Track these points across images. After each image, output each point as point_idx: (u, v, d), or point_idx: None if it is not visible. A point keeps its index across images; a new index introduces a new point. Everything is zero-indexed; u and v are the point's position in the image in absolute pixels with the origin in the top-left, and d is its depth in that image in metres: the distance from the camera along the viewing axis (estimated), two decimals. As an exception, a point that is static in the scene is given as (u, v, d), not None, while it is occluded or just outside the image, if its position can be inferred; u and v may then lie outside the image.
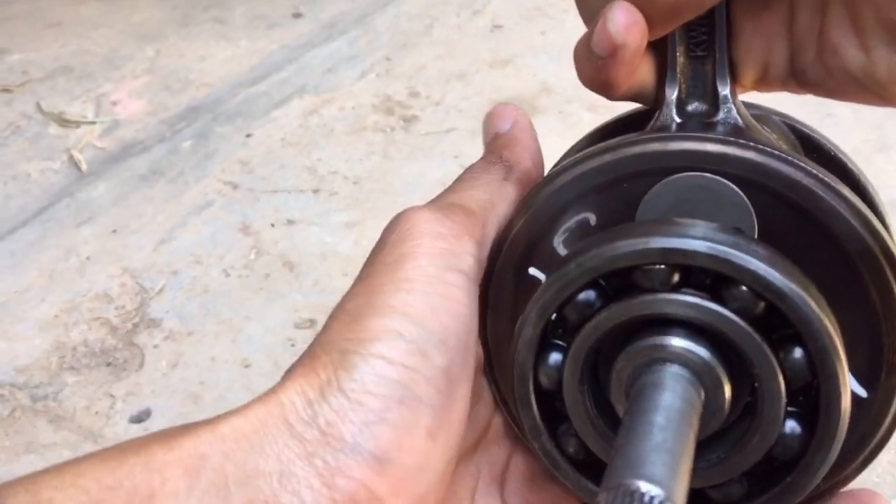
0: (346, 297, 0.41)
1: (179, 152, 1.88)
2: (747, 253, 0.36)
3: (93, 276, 1.57)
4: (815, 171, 0.39)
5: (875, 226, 0.39)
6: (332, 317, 0.40)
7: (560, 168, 0.43)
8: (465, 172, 0.48)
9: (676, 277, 0.37)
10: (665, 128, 0.43)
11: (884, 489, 1.15)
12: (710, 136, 0.40)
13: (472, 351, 0.42)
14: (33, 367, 1.40)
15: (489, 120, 0.50)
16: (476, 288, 0.43)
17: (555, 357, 0.41)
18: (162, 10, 2.41)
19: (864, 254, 0.38)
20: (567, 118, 1.93)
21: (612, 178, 0.41)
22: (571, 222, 0.42)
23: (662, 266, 0.37)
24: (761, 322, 0.37)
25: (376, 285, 0.40)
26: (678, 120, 0.43)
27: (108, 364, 1.40)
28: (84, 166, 1.84)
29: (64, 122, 1.98)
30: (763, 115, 0.49)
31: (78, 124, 1.98)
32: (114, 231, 1.67)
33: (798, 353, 0.37)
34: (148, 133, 1.95)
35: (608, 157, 0.41)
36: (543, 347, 0.41)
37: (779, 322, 0.37)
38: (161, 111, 2.02)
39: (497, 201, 0.45)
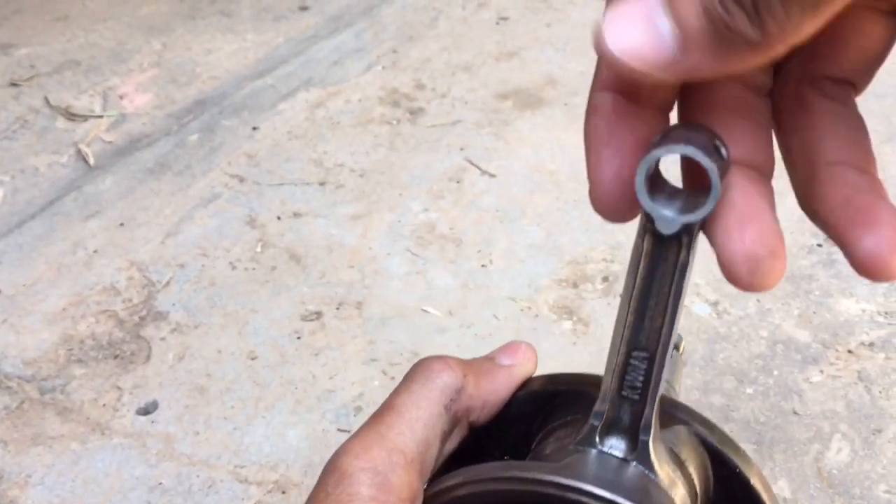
0: None
1: (186, 146, 1.89)
2: None
3: (100, 269, 1.57)
4: None
5: None
6: None
7: (455, 483, 0.43)
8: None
9: None
10: (588, 442, 0.43)
11: (890, 481, 1.15)
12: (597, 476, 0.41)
13: None
14: (41, 359, 1.41)
15: (501, 349, 0.52)
16: None
17: None
18: (168, 3, 2.41)
19: None
20: (573, 110, 1.93)
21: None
22: None
23: None
24: None
25: None
26: (599, 447, 0.43)
27: (116, 356, 1.41)
28: (91, 160, 1.85)
29: (71, 115, 1.99)
30: (677, 427, 0.47)
31: (85, 118, 1.98)
32: (121, 224, 1.68)
33: None
34: (155, 126, 1.95)
35: (500, 486, 0.42)
36: None
37: None
38: (168, 104, 2.02)
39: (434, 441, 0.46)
